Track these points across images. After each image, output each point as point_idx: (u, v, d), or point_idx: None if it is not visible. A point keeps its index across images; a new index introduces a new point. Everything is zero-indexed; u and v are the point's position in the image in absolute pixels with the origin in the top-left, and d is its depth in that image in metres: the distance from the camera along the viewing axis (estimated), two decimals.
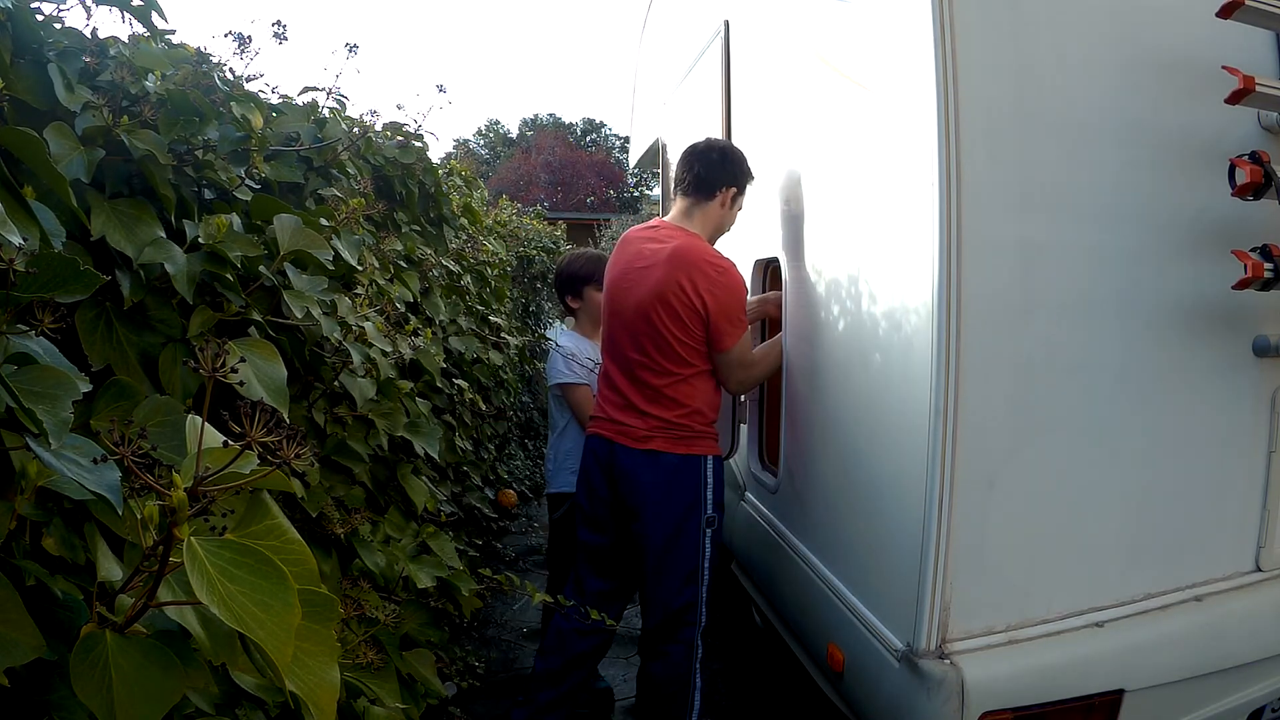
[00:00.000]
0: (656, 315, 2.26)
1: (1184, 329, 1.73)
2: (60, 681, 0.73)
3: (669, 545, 2.30)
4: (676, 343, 2.26)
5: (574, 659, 2.43)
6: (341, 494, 1.56)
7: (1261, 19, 1.60)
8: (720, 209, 2.38)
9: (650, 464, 2.30)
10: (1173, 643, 1.70)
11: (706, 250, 2.29)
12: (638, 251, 2.37)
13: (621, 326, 2.36)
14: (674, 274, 2.24)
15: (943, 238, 1.55)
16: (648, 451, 2.30)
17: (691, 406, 2.30)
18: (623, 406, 2.36)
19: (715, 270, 2.24)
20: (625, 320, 2.34)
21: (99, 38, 1.16)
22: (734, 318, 2.25)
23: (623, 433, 2.35)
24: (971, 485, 1.60)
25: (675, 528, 2.30)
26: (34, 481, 0.72)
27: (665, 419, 2.29)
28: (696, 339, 2.26)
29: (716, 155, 2.38)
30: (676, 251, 2.26)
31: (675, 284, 2.23)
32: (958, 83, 1.55)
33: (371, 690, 1.37)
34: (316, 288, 1.31)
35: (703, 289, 2.21)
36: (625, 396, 2.36)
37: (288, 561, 0.66)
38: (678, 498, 2.30)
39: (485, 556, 3.49)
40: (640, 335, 2.30)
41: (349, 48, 1.62)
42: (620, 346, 2.38)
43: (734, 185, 2.38)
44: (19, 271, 0.68)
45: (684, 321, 2.24)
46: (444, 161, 3.54)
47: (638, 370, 2.32)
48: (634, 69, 5.44)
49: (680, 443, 2.30)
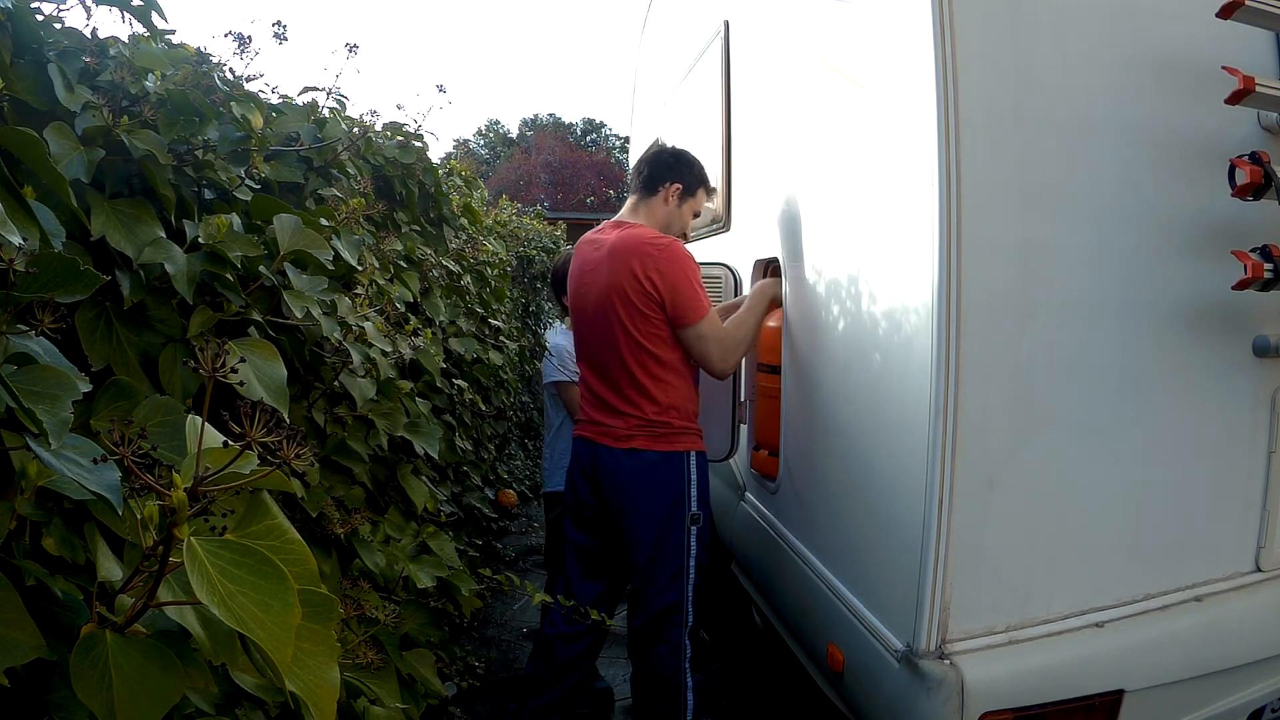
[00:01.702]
0: (614, 311, 2.26)
1: (1184, 329, 1.73)
2: (60, 681, 0.73)
3: (654, 544, 2.29)
4: (640, 334, 2.25)
5: (563, 665, 2.42)
6: (341, 494, 1.56)
7: (1261, 19, 1.59)
8: (665, 205, 2.40)
9: (632, 463, 2.29)
10: (1173, 643, 1.70)
11: (644, 233, 2.29)
12: (585, 256, 2.41)
13: (588, 329, 2.39)
14: (617, 266, 2.24)
15: (943, 237, 1.55)
16: (629, 450, 2.30)
17: (666, 402, 2.29)
18: (601, 407, 2.37)
19: (655, 248, 2.23)
20: (590, 322, 2.37)
21: (99, 38, 1.15)
22: (688, 289, 2.22)
23: (604, 433, 2.35)
24: (971, 485, 1.60)
25: (660, 526, 2.29)
26: (34, 481, 0.72)
27: (643, 417, 2.29)
28: (658, 325, 2.24)
29: (668, 157, 2.46)
30: (615, 244, 2.28)
31: (623, 274, 2.23)
32: (958, 83, 1.55)
33: (371, 690, 1.37)
34: (316, 288, 1.31)
35: (650, 269, 2.21)
36: (602, 398, 2.37)
37: (288, 561, 0.66)
38: (661, 496, 2.29)
39: (485, 556, 3.49)
40: (604, 335, 2.31)
41: (349, 48, 1.62)
42: (590, 349, 2.40)
43: (679, 182, 2.41)
44: (19, 271, 0.68)
45: (640, 310, 2.23)
46: (444, 161, 3.54)
47: (610, 370, 2.33)
48: (634, 69, 5.44)
49: (661, 440, 2.29)
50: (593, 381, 2.41)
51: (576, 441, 2.48)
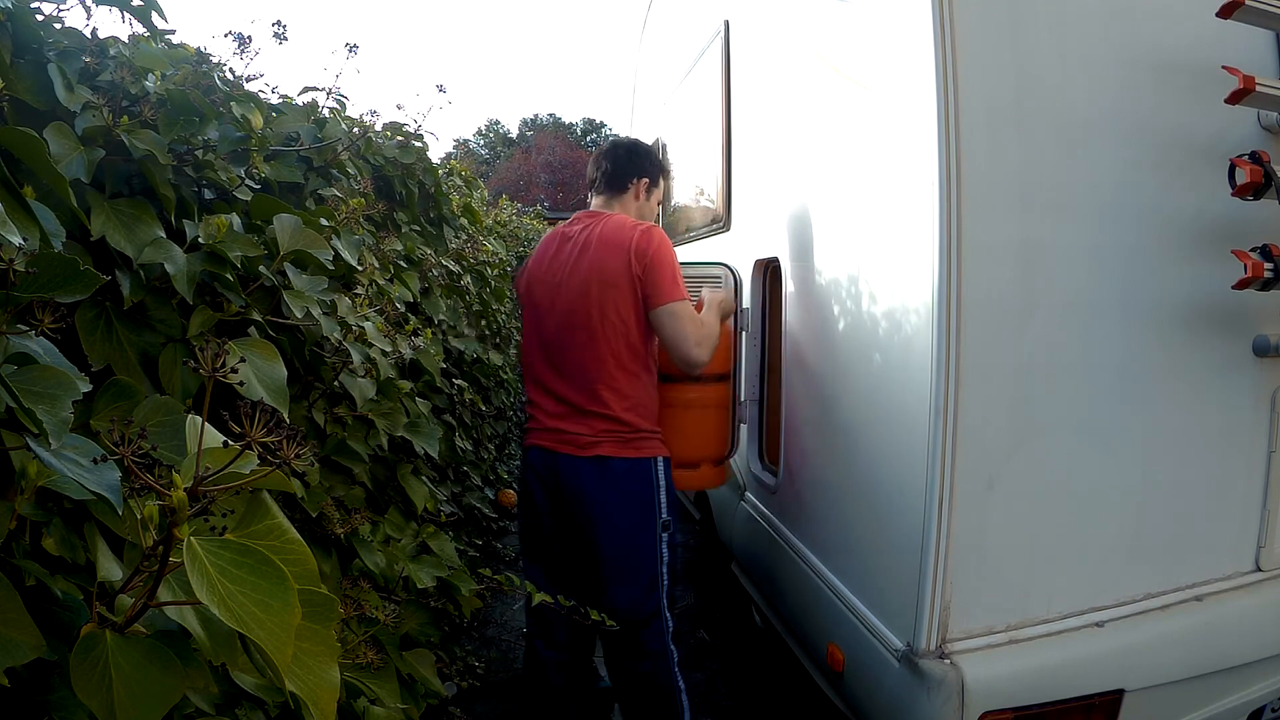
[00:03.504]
0: (592, 296, 2.15)
1: (1184, 329, 1.73)
2: (60, 681, 0.73)
3: (625, 556, 2.18)
4: (619, 318, 2.15)
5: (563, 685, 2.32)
6: (341, 494, 1.56)
7: (1261, 19, 1.60)
8: (635, 200, 2.38)
9: (598, 472, 2.16)
10: (1173, 643, 1.70)
11: (626, 220, 2.26)
12: (555, 250, 2.30)
13: (553, 322, 2.23)
14: (604, 252, 2.17)
15: (943, 238, 1.55)
16: (594, 459, 2.16)
17: (635, 398, 2.19)
18: (562, 413, 2.22)
19: (639, 230, 2.19)
20: (560, 316, 2.22)
21: (99, 38, 1.15)
22: (669, 270, 2.16)
23: (565, 441, 2.20)
24: (971, 485, 1.60)
25: (632, 538, 2.17)
26: (34, 481, 0.72)
27: (611, 416, 2.16)
28: (638, 312, 2.16)
29: (624, 151, 2.41)
30: (600, 232, 2.22)
31: (608, 255, 2.16)
32: (958, 82, 1.55)
33: (371, 690, 1.37)
34: (316, 288, 1.31)
35: (633, 249, 2.15)
36: (564, 399, 2.22)
37: (288, 561, 0.66)
38: (630, 506, 2.17)
39: (485, 556, 3.49)
40: (580, 323, 2.18)
41: (349, 48, 1.62)
42: (552, 346, 2.25)
43: (645, 176, 2.38)
44: (19, 271, 0.68)
45: (624, 291, 2.14)
46: (444, 161, 3.54)
47: (582, 366, 2.18)
48: (634, 69, 5.44)
49: (629, 446, 2.17)
50: (553, 383, 2.26)
51: (530, 452, 2.30)
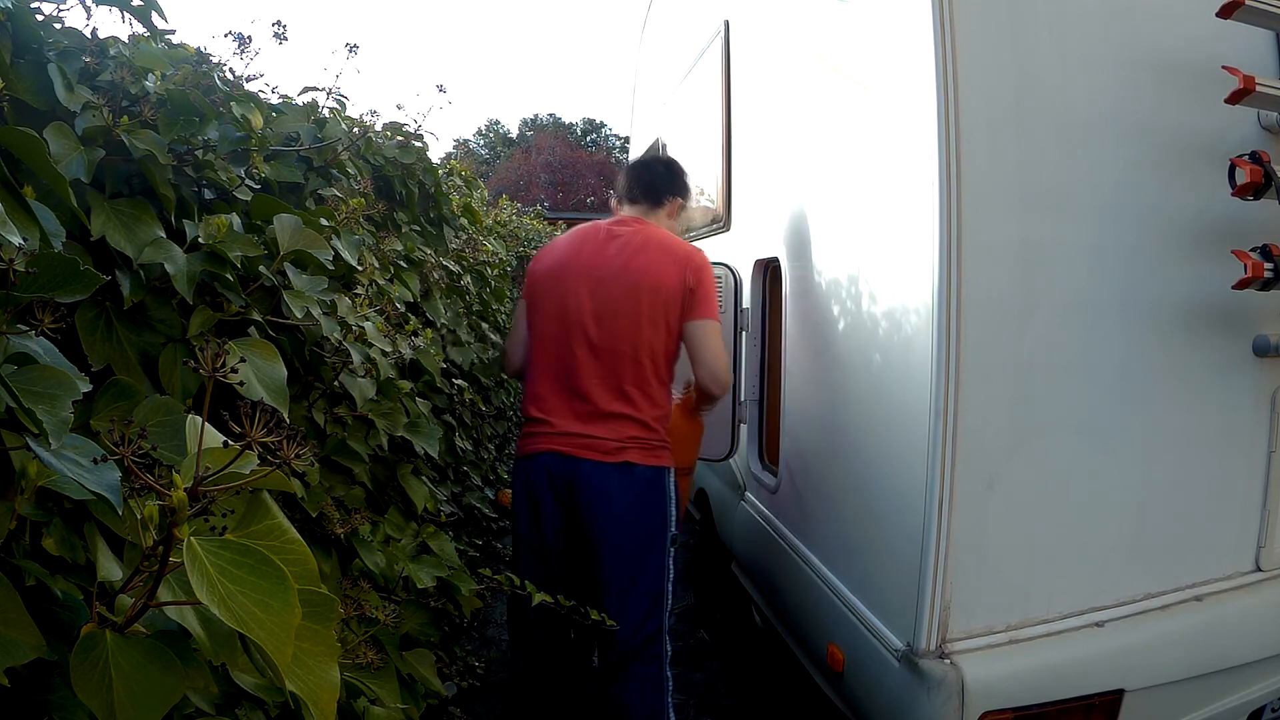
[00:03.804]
0: (649, 295, 2.11)
1: (1184, 329, 1.73)
2: (60, 681, 0.73)
3: (634, 569, 2.11)
4: (664, 325, 2.12)
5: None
6: (341, 494, 1.56)
7: (1261, 19, 1.60)
8: (668, 219, 2.38)
9: (623, 479, 2.08)
10: (1173, 643, 1.70)
11: (674, 236, 2.30)
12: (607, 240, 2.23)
13: (586, 315, 2.13)
14: (663, 251, 2.17)
15: (943, 238, 1.55)
16: (620, 465, 2.08)
17: (664, 408, 2.17)
18: (584, 415, 2.11)
19: (693, 248, 2.24)
20: (598, 306, 2.13)
21: (99, 38, 1.15)
22: (714, 293, 2.22)
23: (590, 446, 2.09)
24: (971, 485, 1.60)
25: (642, 549, 2.12)
26: (34, 481, 0.72)
27: (639, 420, 2.10)
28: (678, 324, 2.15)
29: (664, 167, 2.43)
30: (659, 236, 2.22)
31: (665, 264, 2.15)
32: (958, 83, 1.55)
33: (371, 690, 1.36)
34: (316, 288, 1.31)
35: (689, 266, 2.16)
36: (591, 401, 2.11)
37: (288, 561, 0.66)
38: (645, 516, 2.12)
39: (485, 556, 3.49)
40: (622, 319, 2.11)
41: (349, 48, 1.61)
42: (579, 340, 2.13)
43: (679, 195, 2.41)
44: (19, 271, 0.68)
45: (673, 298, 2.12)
46: (444, 161, 3.54)
47: (618, 362, 2.11)
48: (634, 69, 5.44)
49: (651, 453, 2.12)
50: (574, 380, 2.14)
51: (545, 457, 2.14)
